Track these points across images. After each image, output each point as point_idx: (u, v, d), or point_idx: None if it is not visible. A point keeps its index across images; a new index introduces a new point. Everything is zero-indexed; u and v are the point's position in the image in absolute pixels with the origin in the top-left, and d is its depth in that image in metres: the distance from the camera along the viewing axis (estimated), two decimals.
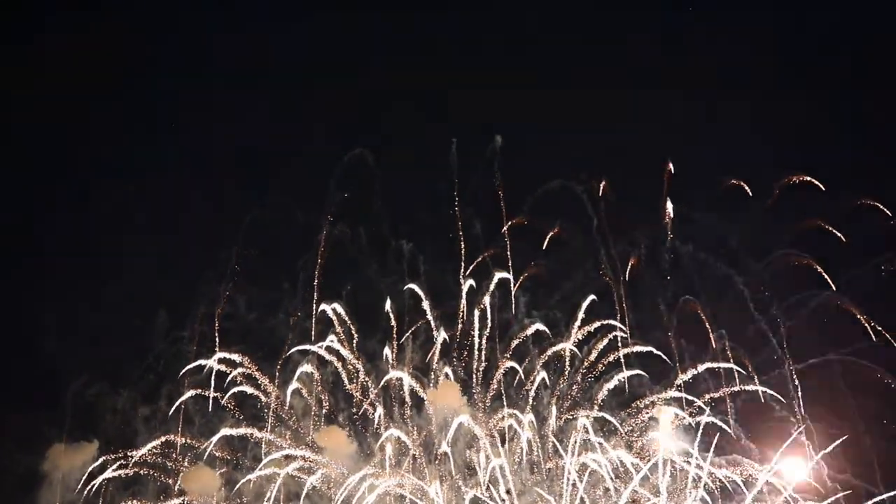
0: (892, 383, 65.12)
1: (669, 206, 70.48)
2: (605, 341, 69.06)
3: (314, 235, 71.40)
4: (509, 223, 71.10)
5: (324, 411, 69.42)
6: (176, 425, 67.19)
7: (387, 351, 70.43)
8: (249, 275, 71.82)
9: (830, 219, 68.44)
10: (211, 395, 67.82)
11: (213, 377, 67.67)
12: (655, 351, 68.70)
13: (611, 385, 68.51)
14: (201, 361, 68.33)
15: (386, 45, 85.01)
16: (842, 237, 68.54)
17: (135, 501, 66.20)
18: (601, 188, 70.95)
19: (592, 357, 69.30)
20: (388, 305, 71.05)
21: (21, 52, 78.70)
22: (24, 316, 70.36)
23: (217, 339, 69.21)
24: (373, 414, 68.85)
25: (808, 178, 71.11)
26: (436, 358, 70.11)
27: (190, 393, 67.93)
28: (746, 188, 70.86)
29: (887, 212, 68.96)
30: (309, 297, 70.04)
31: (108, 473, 65.62)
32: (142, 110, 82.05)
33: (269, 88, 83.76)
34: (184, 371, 68.10)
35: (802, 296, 68.20)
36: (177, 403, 67.57)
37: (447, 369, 70.09)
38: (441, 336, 70.36)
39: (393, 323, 70.81)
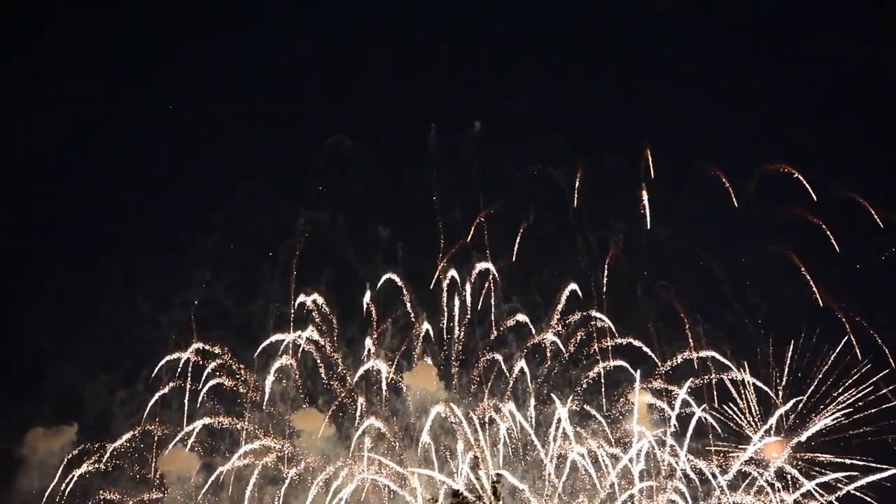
0: (866, 369, 67.77)
1: (645, 195, 73.30)
2: (585, 332, 72.07)
3: (294, 221, 74.47)
4: (484, 212, 74.08)
5: (304, 405, 72.13)
6: (153, 413, 69.80)
7: (368, 342, 72.94)
8: (229, 260, 74.90)
9: (811, 208, 71.57)
10: (188, 388, 70.46)
11: (189, 370, 70.65)
12: (635, 343, 71.69)
13: (591, 374, 71.47)
14: (179, 354, 70.97)
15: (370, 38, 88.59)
16: (823, 226, 71.09)
17: (112, 494, 68.68)
18: (578, 175, 74.06)
19: (572, 348, 72.30)
20: (367, 297, 73.57)
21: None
22: (3, 300, 73.28)
23: (194, 327, 72.06)
24: (352, 404, 71.52)
25: (788, 168, 73.77)
26: (417, 348, 73.19)
27: (167, 388, 70.51)
28: (724, 179, 73.73)
29: (865, 203, 71.58)
30: (288, 282, 72.85)
31: (86, 467, 67.98)
32: (137, 105, 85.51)
33: (254, 76, 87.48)
34: (161, 364, 70.75)
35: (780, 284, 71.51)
36: (154, 398, 70.03)
37: (427, 359, 73.02)
38: (424, 327, 73.20)
39: (374, 317, 73.57)
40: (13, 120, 77.85)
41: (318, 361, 72.26)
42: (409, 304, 73.84)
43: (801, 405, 68.23)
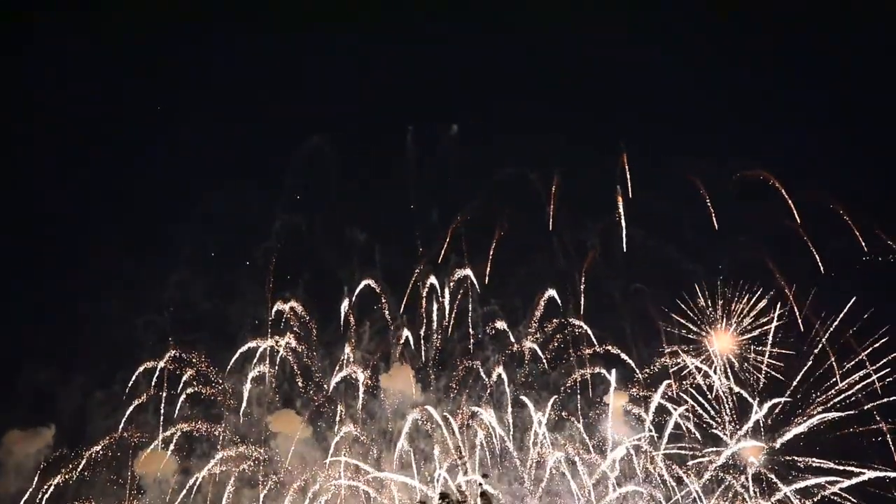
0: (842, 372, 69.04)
1: (620, 199, 74.75)
2: (563, 338, 73.54)
3: (271, 224, 75.52)
4: (461, 217, 75.32)
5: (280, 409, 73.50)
6: (130, 419, 70.73)
7: (347, 349, 74.24)
8: (206, 262, 76.19)
9: (789, 214, 72.49)
10: (164, 395, 71.39)
11: (165, 378, 71.57)
12: (612, 350, 73.06)
13: (569, 381, 72.82)
14: (154, 363, 71.86)
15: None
16: (801, 230, 72.10)
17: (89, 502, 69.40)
18: (555, 178, 75.17)
19: (549, 355, 73.72)
20: (344, 305, 74.77)
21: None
22: None
23: (169, 335, 72.90)
24: (330, 410, 72.82)
25: (765, 174, 75.05)
26: (396, 353, 74.59)
27: (143, 398, 71.35)
28: (700, 184, 75.07)
29: (841, 209, 72.92)
30: (265, 287, 73.89)
31: (62, 476, 68.56)
32: (131, 106, 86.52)
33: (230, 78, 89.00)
34: (137, 373, 71.59)
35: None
36: (130, 409, 70.85)
37: (406, 365, 74.34)
38: (404, 334, 74.61)
39: (352, 324, 74.90)
40: (13, 119, 79.01)
41: (296, 369, 73.62)
42: (387, 312, 75.37)
43: (778, 408, 69.77)
